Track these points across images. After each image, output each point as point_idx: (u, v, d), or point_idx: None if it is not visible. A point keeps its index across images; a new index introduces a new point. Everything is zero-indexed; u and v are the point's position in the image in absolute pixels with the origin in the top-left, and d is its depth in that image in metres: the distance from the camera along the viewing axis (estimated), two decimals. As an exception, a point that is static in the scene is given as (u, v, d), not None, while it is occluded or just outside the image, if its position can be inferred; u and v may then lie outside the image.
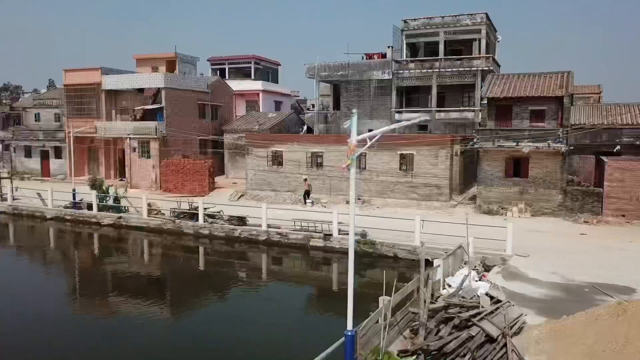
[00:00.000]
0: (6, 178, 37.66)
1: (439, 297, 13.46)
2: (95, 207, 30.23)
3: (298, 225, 24.64)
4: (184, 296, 19.55)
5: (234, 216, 26.70)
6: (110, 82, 41.32)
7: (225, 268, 23.36)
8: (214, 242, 26.10)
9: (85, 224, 30.16)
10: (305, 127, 43.82)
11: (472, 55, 36.89)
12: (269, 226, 25.21)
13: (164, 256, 25.56)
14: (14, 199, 34.01)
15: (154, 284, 21.28)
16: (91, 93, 42.19)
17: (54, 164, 45.63)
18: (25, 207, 33.01)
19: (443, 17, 37.75)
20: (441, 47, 37.65)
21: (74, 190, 31.78)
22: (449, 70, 36.86)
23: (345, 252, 22.06)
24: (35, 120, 50.99)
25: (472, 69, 36.26)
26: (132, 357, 13.69)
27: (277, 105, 54.24)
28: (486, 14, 36.67)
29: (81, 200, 31.45)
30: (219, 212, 27.41)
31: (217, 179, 38.27)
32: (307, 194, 31.92)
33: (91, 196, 30.56)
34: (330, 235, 23.44)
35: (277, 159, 33.98)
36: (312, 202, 31.64)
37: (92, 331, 15.71)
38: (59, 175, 44.54)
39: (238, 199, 34.09)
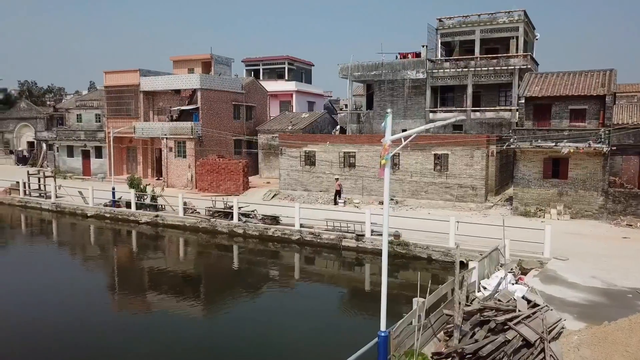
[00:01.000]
0: (50, 177, 39.15)
1: (474, 299, 13.24)
2: (133, 205, 31.05)
3: (330, 225, 24.68)
4: (218, 294, 19.86)
5: (268, 215, 26.97)
6: (148, 84, 42.38)
7: (259, 267, 23.61)
8: (247, 240, 26.42)
9: (123, 221, 31.02)
10: (338, 127, 43.83)
11: (509, 54, 36.10)
12: (301, 226, 25.34)
13: (199, 254, 26.03)
14: (57, 197, 35.25)
15: (189, 282, 21.71)
16: (130, 94, 43.39)
17: (94, 163, 47.11)
18: (67, 204, 34.17)
19: (479, 15, 37.11)
20: (477, 45, 37.02)
21: (113, 188, 32.72)
22: (485, 69, 36.19)
23: (377, 253, 22.07)
24: (77, 121, 52.80)
25: (509, 67, 35.50)
26: (166, 352, 13.99)
27: (310, 106, 54.47)
28: (524, 11, 35.84)
29: (120, 198, 32.36)
30: (252, 212, 27.73)
31: (251, 178, 38.73)
32: (338, 194, 31.95)
33: (130, 195, 31.42)
34: (363, 235, 23.37)
35: (309, 159, 34.12)
36: (345, 202, 31.63)
37: (128, 326, 16.18)
38: (99, 174, 45.95)
39: (271, 198, 34.40)
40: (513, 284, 14.58)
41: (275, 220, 26.57)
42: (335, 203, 31.62)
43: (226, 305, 18.30)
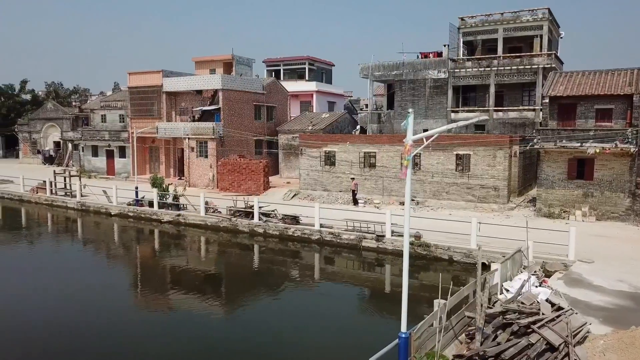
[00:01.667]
0: (75, 176, 39.95)
1: (496, 302, 13.06)
2: (156, 204, 31.49)
3: (350, 225, 24.64)
4: (239, 293, 20.00)
5: (288, 215, 27.06)
6: (171, 84, 42.92)
7: (279, 266, 23.71)
8: (268, 240, 26.55)
9: (146, 220, 31.48)
10: (358, 127, 43.74)
11: (533, 53, 35.53)
12: (321, 226, 25.37)
13: (220, 253, 26.26)
14: (82, 196, 35.95)
15: (210, 280, 21.91)
16: (153, 95, 44.02)
17: (118, 162, 47.93)
18: (92, 203, 34.82)
19: (502, 13, 36.64)
20: (500, 44, 36.55)
21: (136, 188, 33.22)
22: (508, 68, 35.71)
23: (397, 254, 21.97)
24: (102, 121, 53.76)
25: (533, 66, 34.95)
26: (187, 349, 14.14)
27: (331, 106, 54.48)
28: (548, 9, 35.25)
29: (143, 197, 32.84)
30: (273, 211, 27.85)
31: (271, 178, 38.92)
32: (353, 194, 31.88)
33: (152, 194, 31.86)
34: (383, 236, 23.28)
35: (329, 159, 34.13)
36: (365, 203, 31.54)
37: (150, 323, 16.41)
38: (123, 173, 46.72)
39: (291, 198, 34.51)
40: (536, 287, 14.34)
41: (295, 220, 26.65)
42: (356, 203, 31.54)
43: (247, 305, 18.42)
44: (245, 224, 27.67)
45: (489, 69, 36.30)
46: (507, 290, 14.16)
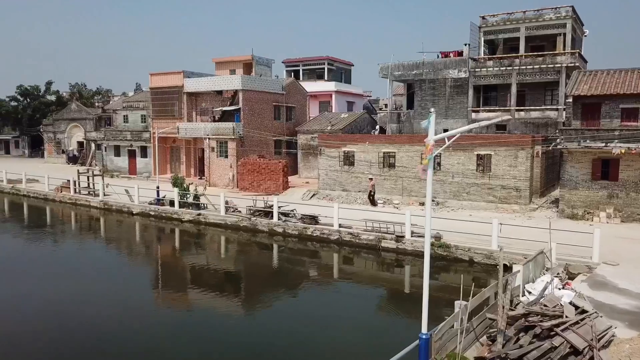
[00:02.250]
0: (98, 175, 40.65)
1: (518, 304, 12.89)
2: (177, 203, 31.85)
3: (369, 225, 24.57)
4: (258, 292, 20.12)
5: (307, 215, 27.11)
6: (191, 85, 43.37)
7: (298, 266, 23.77)
8: (287, 239, 26.64)
9: (167, 219, 31.87)
10: (377, 127, 43.59)
11: (556, 51, 34.97)
12: (340, 226, 25.35)
13: (240, 252, 26.45)
14: (104, 195, 36.56)
15: (229, 279, 22.09)
16: (174, 95, 44.53)
17: (139, 162, 48.61)
18: (114, 202, 35.39)
19: (524, 12, 36.14)
20: (522, 43, 36.05)
21: (157, 187, 33.65)
22: (530, 67, 35.21)
23: (417, 255, 21.83)
24: (124, 122, 54.58)
25: (556, 65, 34.39)
26: (205, 348, 14.27)
27: (350, 106, 54.39)
28: (572, 7, 34.64)
29: (164, 197, 33.25)
30: (292, 211, 27.93)
31: (290, 178, 39.02)
32: (370, 194, 31.76)
33: (173, 193, 32.24)
34: (403, 237, 23.16)
35: (348, 159, 34.08)
36: (384, 203, 31.41)
37: (170, 321, 16.62)
38: (144, 173, 47.37)
39: (310, 198, 34.56)
40: (560, 289, 14.10)
41: (314, 219, 26.68)
42: (374, 204, 31.42)
43: (266, 304, 18.52)
44: (264, 224, 27.81)
45: (510, 68, 35.84)
46: (530, 293, 13.96)
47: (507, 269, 16.68)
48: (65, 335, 15.02)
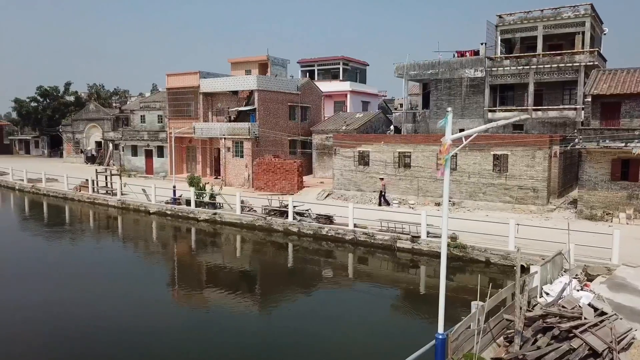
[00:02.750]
0: (116, 175, 41.19)
1: (536, 305, 12.78)
2: (193, 203, 32.13)
3: (384, 225, 24.52)
4: (273, 291, 20.21)
5: (322, 215, 27.15)
6: (207, 85, 43.69)
7: (313, 265, 23.82)
8: (302, 239, 26.71)
9: (183, 218, 32.16)
10: (392, 127, 43.46)
11: (575, 50, 34.49)
12: (355, 226, 25.34)
13: (255, 251, 26.59)
14: (122, 194, 37.02)
15: (244, 278, 22.22)
16: (190, 95, 44.92)
17: (156, 162, 49.12)
18: (131, 201, 35.83)
19: (542, 10, 35.73)
20: (539, 42, 35.64)
21: (174, 187, 33.97)
22: (548, 66, 34.79)
23: (433, 255, 21.73)
24: (141, 122, 55.16)
25: (574, 64, 33.93)
26: (220, 347, 14.38)
27: (365, 106, 54.33)
28: (591, 5, 34.14)
29: (180, 196, 33.56)
30: (307, 211, 27.99)
31: (305, 178, 39.10)
32: (381, 194, 31.66)
33: (189, 193, 32.52)
34: (418, 237, 23.07)
35: (363, 159, 34.03)
36: (399, 203, 31.31)
37: (186, 319, 16.78)
38: (161, 172, 47.85)
39: (325, 198, 34.59)
40: (578, 291, 13.94)
41: (329, 219, 26.71)
42: (387, 204, 31.32)
43: (281, 303, 18.59)
44: (279, 223, 27.91)
45: (527, 67, 35.46)
46: (547, 294, 13.82)
47: (525, 270, 16.52)
48: (82, 333, 15.24)
